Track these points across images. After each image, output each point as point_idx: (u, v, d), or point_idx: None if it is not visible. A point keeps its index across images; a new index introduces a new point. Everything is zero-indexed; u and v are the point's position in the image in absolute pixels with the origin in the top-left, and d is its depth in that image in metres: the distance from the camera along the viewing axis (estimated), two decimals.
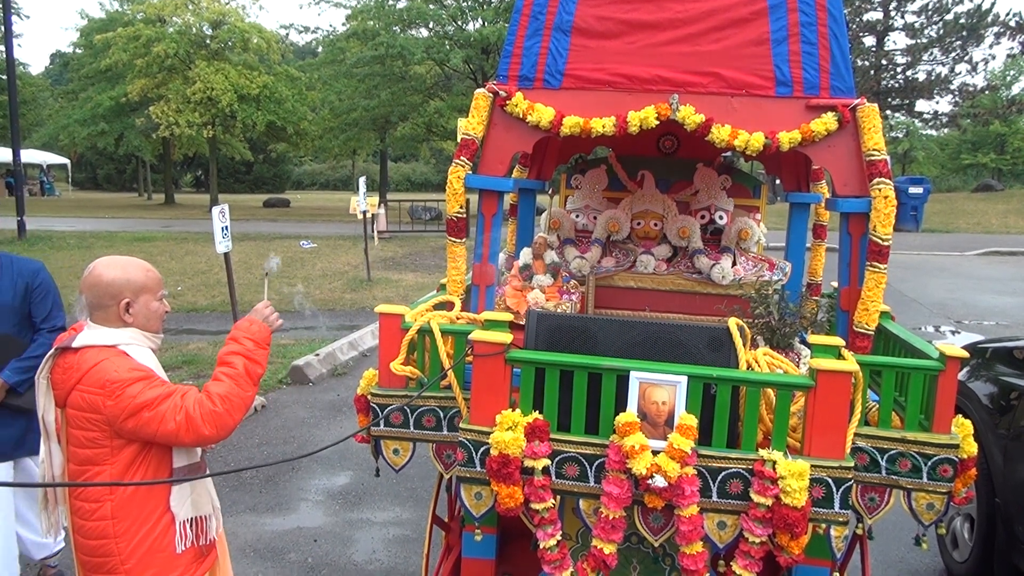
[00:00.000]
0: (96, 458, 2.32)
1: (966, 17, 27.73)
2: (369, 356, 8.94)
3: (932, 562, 4.53)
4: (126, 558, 2.34)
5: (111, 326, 2.39)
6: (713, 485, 2.37)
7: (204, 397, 2.34)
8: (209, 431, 2.31)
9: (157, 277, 2.49)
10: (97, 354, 2.32)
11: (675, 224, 3.74)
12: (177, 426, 2.27)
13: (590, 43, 3.02)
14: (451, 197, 2.99)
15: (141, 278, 2.42)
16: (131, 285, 2.40)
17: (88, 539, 2.36)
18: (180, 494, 2.43)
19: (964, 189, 37.02)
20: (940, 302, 12.36)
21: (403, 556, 4.54)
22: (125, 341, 2.38)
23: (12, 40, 19.98)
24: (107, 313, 2.38)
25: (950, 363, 2.44)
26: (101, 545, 2.34)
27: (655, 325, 2.60)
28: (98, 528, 2.33)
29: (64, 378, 2.33)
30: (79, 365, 2.31)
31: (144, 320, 2.44)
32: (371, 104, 27.79)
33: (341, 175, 59.20)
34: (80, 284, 2.41)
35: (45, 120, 37.75)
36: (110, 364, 2.30)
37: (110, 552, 2.34)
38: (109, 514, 2.33)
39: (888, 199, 2.71)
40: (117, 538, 2.33)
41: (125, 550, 2.34)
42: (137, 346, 2.40)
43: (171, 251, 17.17)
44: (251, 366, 2.44)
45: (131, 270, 2.42)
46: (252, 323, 2.52)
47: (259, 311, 2.57)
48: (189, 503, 2.44)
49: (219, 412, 2.32)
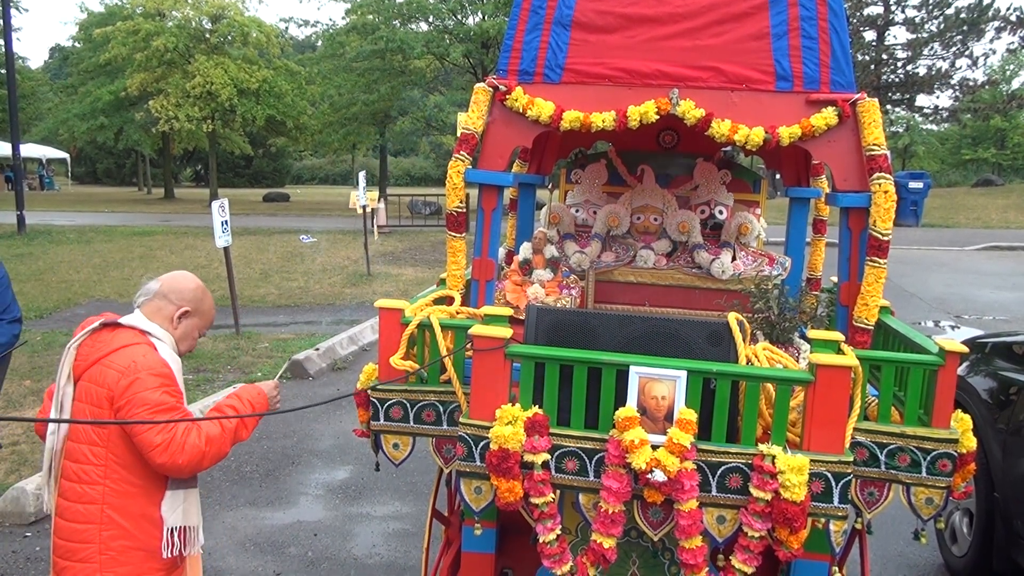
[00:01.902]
0: (96, 437, 2.33)
1: (967, 12, 27.69)
2: (369, 351, 8.95)
3: (931, 556, 4.54)
4: (104, 548, 2.33)
5: (156, 321, 2.46)
6: (712, 480, 2.37)
7: (194, 429, 2.37)
8: (183, 461, 2.33)
9: (213, 315, 2.67)
10: (132, 336, 2.40)
11: (675, 219, 3.74)
12: (161, 442, 2.30)
13: (590, 37, 3.01)
14: (451, 192, 2.98)
15: (206, 306, 2.60)
16: (197, 303, 2.55)
17: (70, 522, 2.35)
18: (173, 501, 2.43)
19: (964, 184, 36.99)
20: (940, 297, 12.37)
21: (403, 550, 4.55)
22: (160, 337, 2.45)
23: (11, 34, 19.96)
24: (164, 308, 2.48)
25: (949, 358, 2.44)
26: (83, 531, 2.33)
27: (655, 320, 2.60)
28: (84, 512, 2.33)
29: (92, 350, 2.38)
30: (111, 341, 2.38)
31: (181, 336, 2.54)
32: (371, 98, 27.76)
33: (341, 170, 59.15)
34: (161, 278, 2.54)
35: (44, 114, 37.74)
36: (140, 349, 2.37)
37: (91, 539, 2.33)
38: (100, 498, 2.33)
39: (888, 194, 2.71)
40: (102, 525, 2.33)
41: (106, 539, 2.33)
42: (166, 346, 2.46)
43: (171, 245, 17.16)
44: (240, 428, 2.52)
45: (204, 295, 2.60)
46: (260, 394, 2.65)
47: (269, 387, 2.71)
48: (180, 511, 2.45)
49: (201, 450, 2.37)
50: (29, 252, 15.75)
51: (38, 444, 5.57)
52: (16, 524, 4.73)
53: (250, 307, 10.83)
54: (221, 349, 8.44)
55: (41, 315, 10.17)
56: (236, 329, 9.08)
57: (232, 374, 7.56)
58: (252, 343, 8.74)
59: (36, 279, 12.71)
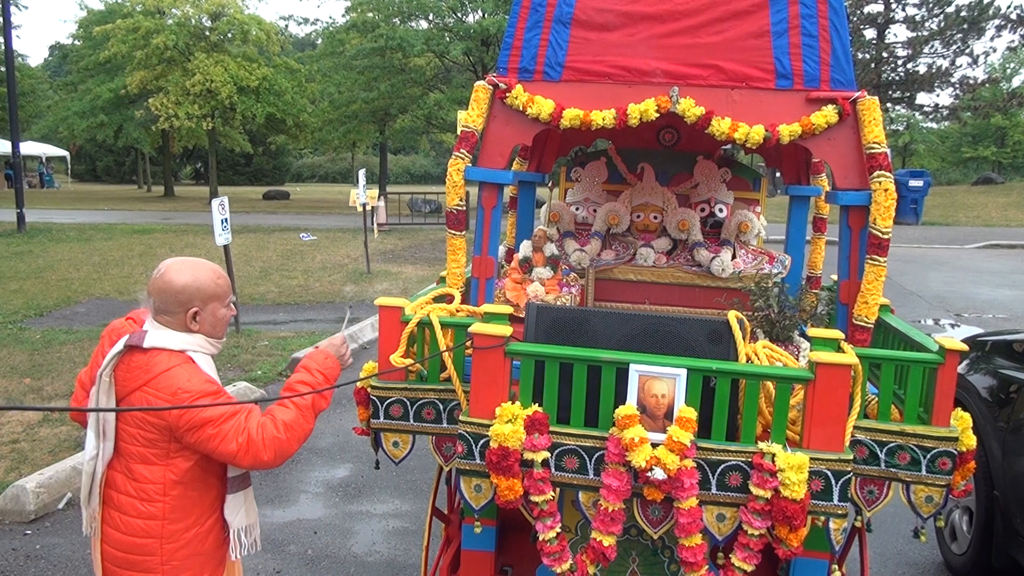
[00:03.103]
0: (151, 457, 2.27)
1: (967, 10, 27.67)
2: (369, 349, 8.95)
3: (930, 555, 4.54)
4: (167, 558, 2.29)
5: (176, 330, 2.31)
6: (712, 478, 2.37)
7: (268, 421, 2.28)
8: (268, 456, 2.25)
9: (227, 283, 2.41)
10: (168, 359, 2.25)
11: (675, 217, 3.74)
12: (238, 447, 2.22)
13: (590, 35, 3.01)
14: (451, 190, 2.98)
15: (211, 286, 2.34)
16: (201, 293, 2.31)
17: (128, 535, 2.29)
18: (234, 503, 2.40)
19: (964, 182, 37.01)
20: (939, 295, 12.37)
21: (403, 548, 4.55)
22: (193, 348, 2.31)
23: (11, 31, 19.93)
24: (173, 319, 2.31)
25: (949, 356, 2.44)
26: (143, 544, 2.28)
27: (654, 318, 2.60)
28: (145, 527, 2.28)
29: (130, 377, 2.25)
30: (148, 367, 2.24)
31: (211, 328, 2.37)
32: (371, 96, 27.76)
33: (341, 167, 59.17)
34: (149, 283, 2.32)
35: (44, 112, 37.72)
36: (183, 372, 2.24)
37: (152, 551, 2.28)
38: (161, 514, 2.27)
39: (888, 192, 2.71)
40: (163, 539, 2.28)
41: (169, 551, 2.29)
42: (203, 353, 2.35)
43: (170, 243, 17.15)
44: (318, 400, 2.40)
45: (201, 276, 2.33)
46: (327, 358, 2.49)
47: (335, 346, 2.54)
48: (243, 512, 2.43)
49: (281, 439, 2.27)
50: (29, 250, 15.75)
51: (39, 442, 5.57)
52: (16, 522, 4.73)
53: (250, 305, 10.83)
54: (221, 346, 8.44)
55: (41, 313, 10.17)
56: (236, 327, 9.08)
57: (232, 372, 7.56)
58: (252, 341, 8.74)
59: (36, 277, 12.70)
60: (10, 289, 11.58)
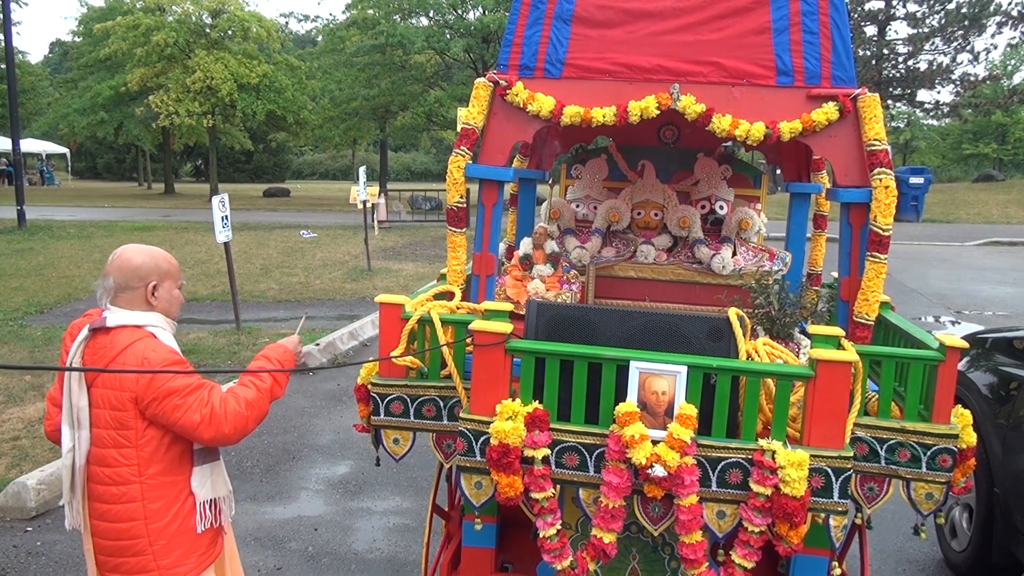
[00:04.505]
0: (122, 440, 2.34)
1: (968, 7, 27.62)
2: (369, 346, 8.95)
3: (931, 552, 4.55)
4: (154, 539, 2.37)
5: (136, 309, 2.43)
6: (712, 475, 2.38)
7: (230, 397, 2.40)
8: (229, 429, 2.36)
9: (177, 266, 2.58)
10: (131, 334, 2.37)
11: (675, 214, 3.74)
12: (201, 419, 2.32)
13: (591, 32, 3.00)
14: (451, 187, 2.98)
15: (165, 265, 2.51)
16: (158, 270, 2.47)
17: (114, 523, 2.36)
18: (201, 475, 2.47)
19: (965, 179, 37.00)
20: (940, 292, 12.36)
21: (403, 545, 4.56)
22: (153, 323, 2.43)
23: (11, 28, 19.94)
24: (134, 295, 2.43)
25: (950, 353, 2.45)
26: (128, 528, 2.36)
27: (655, 315, 2.60)
28: (126, 511, 2.35)
29: (97, 357, 2.36)
30: (113, 344, 2.35)
31: (166, 305, 2.50)
32: (371, 93, 27.75)
33: (341, 165, 59.13)
34: (107, 267, 2.45)
35: (44, 109, 37.69)
36: (146, 344, 2.36)
37: (138, 534, 2.36)
38: (139, 495, 2.35)
39: (889, 189, 2.71)
40: (147, 519, 2.36)
41: (154, 531, 2.36)
42: (163, 330, 2.45)
43: (171, 241, 17.15)
44: (275, 386, 2.55)
45: (157, 256, 2.51)
46: (285, 351, 2.65)
47: (293, 343, 2.72)
48: (209, 484, 2.50)
49: (243, 415, 2.40)
50: (29, 247, 15.75)
51: (39, 439, 5.58)
52: (17, 519, 4.73)
53: (250, 302, 10.83)
54: (222, 344, 8.45)
55: (41, 310, 10.17)
56: (236, 324, 9.07)
57: (233, 369, 7.58)
58: (252, 338, 8.74)
59: (36, 274, 12.71)
60: (11, 286, 11.59)
